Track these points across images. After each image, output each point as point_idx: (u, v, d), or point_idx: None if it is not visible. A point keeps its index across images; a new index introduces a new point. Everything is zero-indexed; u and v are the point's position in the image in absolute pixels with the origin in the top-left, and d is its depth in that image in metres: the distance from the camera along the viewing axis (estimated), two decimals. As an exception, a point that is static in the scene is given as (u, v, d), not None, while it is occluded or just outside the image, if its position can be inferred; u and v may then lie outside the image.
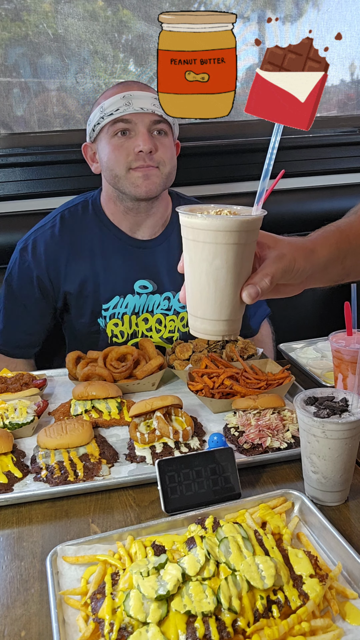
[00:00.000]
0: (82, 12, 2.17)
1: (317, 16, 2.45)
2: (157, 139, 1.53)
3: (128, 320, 1.68)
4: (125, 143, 1.50)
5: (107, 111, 1.47)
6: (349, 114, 2.63)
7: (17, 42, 2.15)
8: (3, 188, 2.15)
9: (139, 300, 1.67)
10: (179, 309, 1.71)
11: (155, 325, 1.70)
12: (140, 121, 1.49)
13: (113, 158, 1.52)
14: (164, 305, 1.69)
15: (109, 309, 1.67)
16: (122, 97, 1.46)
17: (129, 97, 1.46)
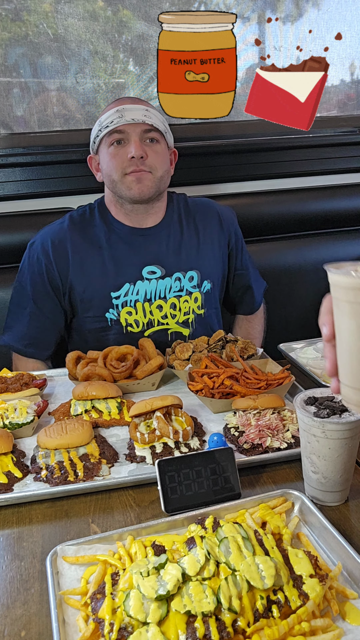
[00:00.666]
0: (82, 12, 2.16)
1: (317, 16, 2.45)
2: (148, 146, 1.65)
3: (142, 308, 1.72)
4: (120, 151, 1.64)
5: (104, 124, 1.64)
6: (349, 114, 2.63)
7: (17, 42, 2.15)
8: (3, 188, 2.15)
9: (149, 286, 1.73)
10: (191, 289, 1.77)
11: (170, 311, 1.75)
12: (133, 131, 1.63)
13: (110, 165, 1.66)
14: (176, 287, 1.75)
15: (120, 296, 1.71)
16: (116, 111, 1.62)
17: (122, 110, 1.61)
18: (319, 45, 2.51)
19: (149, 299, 1.73)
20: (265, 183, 2.44)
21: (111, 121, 1.61)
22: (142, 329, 1.74)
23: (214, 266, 1.83)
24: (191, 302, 1.77)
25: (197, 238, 1.81)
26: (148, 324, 1.74)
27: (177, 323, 1.77)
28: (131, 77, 2.30)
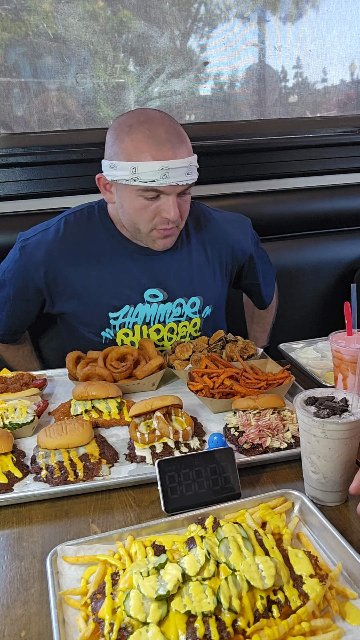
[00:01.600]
0: (82, 12, 2.17)
1: (317, 16, 2.45)
2: (181, 198, 1.52)
3: (139, 330, 1.64)
4: (152, 205, 1.48)
5: (141, 177, 1.43)
6: (349, 114, 2.64)
7: (17, 42, 2.15)
8: (3, 188, 2.15)
9: (150, 310, 1.63)
10: (191, 315, 1.68)
11: (167, 335, 1.68)
12: (173, 191, 1.47)
13: (139, 215, 1.51)
14: (177, 313, 1.66)
15: (118, 317, 1.62)
16: (160, 169, 1.42)
17: (167, 170, 1.42)
18: (319, 45, 2.53)
19: (148, 322, 1.64)
20: (265, 183, 2.44)
21: (152, 179, 1.42)
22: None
23: (218, 290, 1.75)
24: (189, 327, 1.70)
25: (206, 263, 1.70)
26: None
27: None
28: (131, 77, 2.30)
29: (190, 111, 2.44)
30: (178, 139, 1.47)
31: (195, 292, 1.68)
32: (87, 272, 1.60)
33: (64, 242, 1.60)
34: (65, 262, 1.59)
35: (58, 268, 1.59)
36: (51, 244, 1.59)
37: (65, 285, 1.61)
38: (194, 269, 1.68)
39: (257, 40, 2.42)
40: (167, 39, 2.29)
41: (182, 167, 1.44)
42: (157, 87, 2.34)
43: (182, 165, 1.44)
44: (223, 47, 2.38)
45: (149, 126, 1.45)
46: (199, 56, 2.37)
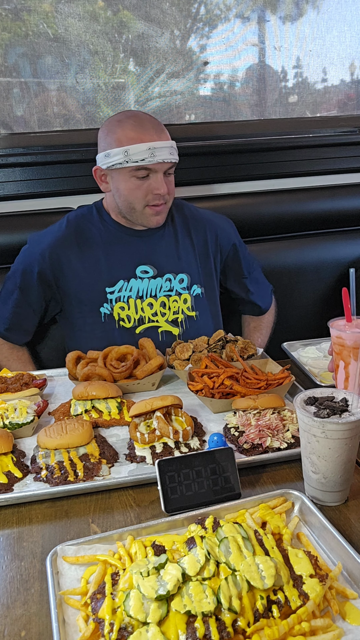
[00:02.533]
0: (82, 12, 2.16)
1: (316, 16, 2.45)
2: (167, 178, 1.74)
3: (134, 304, 1.79)
4: (144, 184, 1.71)
5: (132, 158, 1.66)
6: (349, 114, 2.64)
7: (17, 42, 2.15)
8: (3, 188, 2.15)
9: (142, 284, 1.80)
10: (180, 290, 1.84)
11: (160, 309, 1.82)
12: (160, 168, 1.70)
13: (133, 195, 1.72)
14: (166, 287, 1.82)
15: (114, 292, 1.78)
16: (147, 149, 1.66)
17: (153, 149, 1.66)
18: (319, 45, 2.53)
19: (141, 296, 1.80)
20: (265, 183, 2.44)
21: (142, 158, 1.65)
22: (134, 324, 1.80)
23: (204, 274, 1.90)
24: (180, 303, 1.84)
25: (190, 245, 1.88)
26: (139, 321, 1.80)
27: (167, 321, 1.83)
28: (131, 77, 2.30)
29: (190, 111, 2.44)
30: (160, 127, 1.73)
31: (182, 269, 1.86)
32: (86, 254, 1.80)
33: (66, 232, 1.81)
34: (67, 247, 1.79)
35: (61, 252, 1.78)
36: (55, 234, 1.82)
37: (68, 267, 1.78)
38: (180, 249, 1.87)
39: (257, 40, 2.42)
40: (167, 39, 2.29)
41: (166, 147, 1.68)
42: (157, 87, 2.34)
43: (165, 146, 1.68)
44: (223, 47, 2.38)
45: (136, 119, 1.71)
46: (198, 56, 2.37)
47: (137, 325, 1.80)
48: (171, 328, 1.83)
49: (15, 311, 1.82)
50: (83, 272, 1.78)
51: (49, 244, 1.79)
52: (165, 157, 1.68)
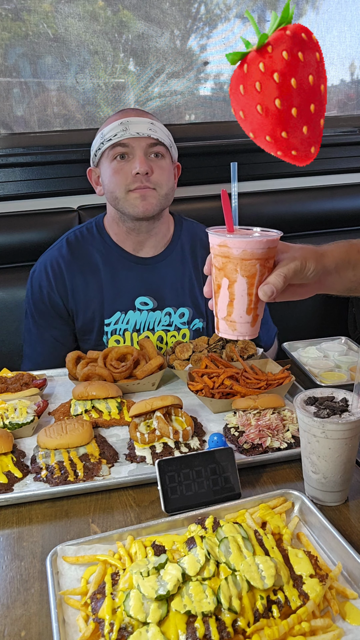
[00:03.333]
0: (82, 12, 2.16)
1: (316, 16, 2.45)
2: (153, 161, 1.60)
3: (129, 337, 1.71)
4: (124, 166, 1.58)
5: (107, 137, 1.57)
6: (349, 114, 2.64)
7: (17, 42, 2.15)
8: (3, 188, 2.15)
9: (140, 317, 1.70)
10: (180, 325, 1.74)
11: (157, 344, 1.73)
12: (137, 145, 1.57)
13: (113, 181, 1.60)
14: (165, 321, 1.73)
15: (110, 324, 1.71)
16: (119, 124, 1.55)
17: (126, 122, 1.55)
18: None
19: (138, 329, 1.71)
20: (265, 183, 2.44)
21: (114, 134, 1.55)
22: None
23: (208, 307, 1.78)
24: (179, 337, 1.74)
25: (196, 273, 1.76)
26: None
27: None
28: (131, 77, 2.31)
29: (190, 111, 2.44)
30: (142, 112, 1.63)
31: (185, 302, 1.74)
32: (89, 280, 1.70)
33: (68, 257, 1.71)
34: (70, 275, 1.69)
35: (64, 280, 1.70)
36: (56, 260, 1.71)
37: (74, 296, 1.70)
38: (186, 280, 1.75)
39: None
40: (167, 39, 2.29)
41: (143, 122, 1.57)
42: (157, 87, 2.34)
43: (143, 121, 1.57)
44: (223, 47, 2.38)
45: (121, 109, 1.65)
46: (198, 56, 2.37)
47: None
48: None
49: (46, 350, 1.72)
50: (87, 300, 1.69)
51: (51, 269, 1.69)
52: (141, 130, 1.54)
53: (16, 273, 2.01)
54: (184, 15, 2.29)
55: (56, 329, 1.73)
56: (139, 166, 1.55)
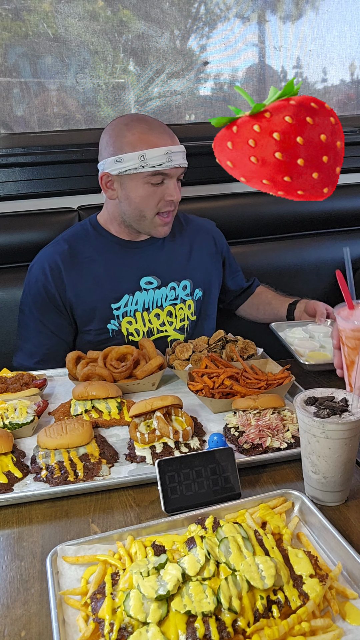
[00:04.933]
0: (82, 12, 2.16)
1: (316, 16, 2.45)
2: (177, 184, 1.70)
3: (140, 317, 1.78)
4: (157, 190, 1.66)
5: (150, 163, 1.61)
6: (349, 114, 2.63)
7: (17, 42, 2.15)
8: (3, 188, 2.15)
9: (147, 296, 1.78)
10: (185, 297, 1.84)
11: (167, 319, 1.81)
12: (175, 174, 1.67)
13: (146, 202, 1.67)
14: (172, 296, 1.82)
15: (120, 307, 1.76)
16: (165, 153, 1.61)
17: (171, 154, 1.62)
18: (319, 45, 2.53)
19: (147, 308, 1.79)
20: (265, 183, 2.44)
21: (160, 163, 1.60)
22: (143, 337, 1.78)
23: (204, 275, 1.90)
24: (185, 309, 1.84)
25: (189, 251, 1.88)
26: (148, 333, 1.79)
27: (175, 330, 1.83)
28: (131, 77, 2.31)
29: (190, 111, 2.44)
30: (170, 132, 1.69)
31: (184, 275, 1.85)
32: (85, 273, 1.75)
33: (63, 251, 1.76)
34: (67, 270, 1.74)
35: (62, 276, 1.74)
36: (52, 257, 1.75)
37: (70, 287, 1.74)
38: (180, 257, 1.86)
39: (257, 40, 2.42)
40: (167, 39, 2.29)
41: (180, 151, 1.66)
42: (157, 87, 2.34)
43: (180, 150, 1.66)
44: (223, 47, 2.38)
45: (144, 122, 1.65)
46: (198, 56, 2.37)
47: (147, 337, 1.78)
48: (178, 335, 1.84)
49: (41, 342, 1.76)
50: (86, 292, 1.74)
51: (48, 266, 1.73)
52: (181, 161, 1.64)
53: (16, 273, 2.01)
54: (184, 15, 2.29)
55: (53, 322, 1.76)
56: (175, 195, 1.67)
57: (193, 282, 1.85)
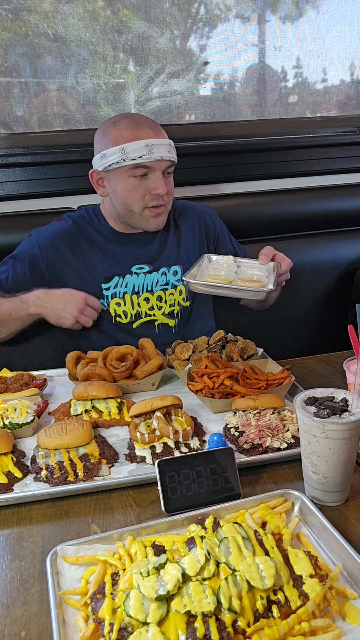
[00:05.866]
0: (82, 12, 2.16)
1: (316, 16, 2.45)
2: (166, 179, 1.71)
3: (129, 299, 1.80)
4: (142, 184, 1.67)
5: (130, 155, 1.63)
6: (349, 114, 2.63)
7: (17, 42, 2.15)
8: (3, 188, 2.15)
9: (137, 280, 1.80)
10: (176, 283, 1.85)
11: (156, 303, 1.83)
12: (158, 167, 1.67)
13: (131, 196, 1.69)
14: (162, 281, 1.83)
15: (109, 288, 1.79)
16: (145, 146, 1.62)
17: (151, 146, 1.63)
18: (319, 45, 2.53)
19: (137, 291, 1.81)
20: (265, 183, 2.44)
21: (140, 156, 1.62)
22: (130, 320, 1.80)
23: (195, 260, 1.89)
24: (176, 295, 1.85)
25: (178, 237, 1.90)
26: (136, 316, 1.81)
27: (163, 314, 1.84)
28: (131, 77, 2.30)
29: (190, 111, 2.44)
30: (156, 126, 1.70)
31: (175, 261, 1.86)
32: (84, 250, 1.80)
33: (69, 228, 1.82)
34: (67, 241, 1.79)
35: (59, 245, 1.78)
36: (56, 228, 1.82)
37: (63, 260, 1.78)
38: (170, 243, 1.88)
39: (257, 40, 2.42)
40: (167, 39, 2.29)
41: (163, 144, 1.65)
42: (157, 87, 2.34)
43: (163, 143, 1.65)
44: (223, 47, 2.38)
45: (131, 118, 1.69)
46: (198, 56, 2.37)
47: (134, 320, 1.81)
48: (167, 320, 1.85)
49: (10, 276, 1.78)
50: (79, 267, 1.78)
51: (48, 236, 1.79)
52: (163, 154, 1.65)
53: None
54: (184, 16, 2.29)
55: (22, 272, 1.77)
56: (160, 188, 1.66)
57: (183, 267, 1.87)
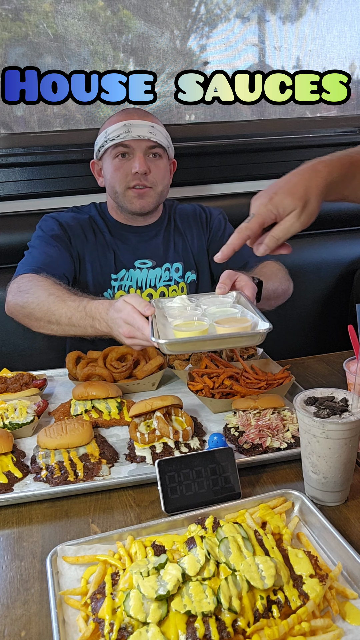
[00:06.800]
0: (82, 12, 2.16)
1: (316, 16, 2.45)
2: (152, 161, 1.73)
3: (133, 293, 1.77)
4: (124, 164, 1.72)
5: (110, 136, 1.70)
6: (349, 114, 2.63)
7: (17, 42, 2.15)
8: (3, 188, 2.15)
9: (141, 275, 1.83)
10: (178, 279, 1.88)
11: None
12: (137, 146, 1.70)
13: (114, 177, 1.74)
14: (165, 277, 1.86)
15: (117, 279, 1.82)
16: (123, 125, 1.68)
17: (129, 125, 1.68)
18: (319, 45, 2.52)
19: (140, 287, 1.84)
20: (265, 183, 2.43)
21: (117, 135, 1.68)
22: None
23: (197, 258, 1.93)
24: (179, 292, 1.88)
25: (180, 236, 1.92)
26: None
27: None
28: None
29: (190, 111, 2.44)
30: (144, 112, 1.74)
31: (177, 258, 1.89)
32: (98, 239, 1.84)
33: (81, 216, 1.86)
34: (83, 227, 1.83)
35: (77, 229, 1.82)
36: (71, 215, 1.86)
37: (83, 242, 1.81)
38: (173, 240, 1.91)
39: (257, 40, 2.42)
40: (167, 39, 2.29)
41: (144, 125, 1.69)
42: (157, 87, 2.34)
43: (144, 124, 1.69)
44: (223, 47, 2.38)
45: (125, 109, 1.77)
46: (198, 56, 2.37)
47: None
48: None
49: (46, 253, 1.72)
50: (94, 251, 1.81)
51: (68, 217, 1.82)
52: (142, 133, 1.68)
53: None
54: (184, 15, 2.29)
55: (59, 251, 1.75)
56: (138, 166, 1.69)
57: (185, 264, 1.89)
